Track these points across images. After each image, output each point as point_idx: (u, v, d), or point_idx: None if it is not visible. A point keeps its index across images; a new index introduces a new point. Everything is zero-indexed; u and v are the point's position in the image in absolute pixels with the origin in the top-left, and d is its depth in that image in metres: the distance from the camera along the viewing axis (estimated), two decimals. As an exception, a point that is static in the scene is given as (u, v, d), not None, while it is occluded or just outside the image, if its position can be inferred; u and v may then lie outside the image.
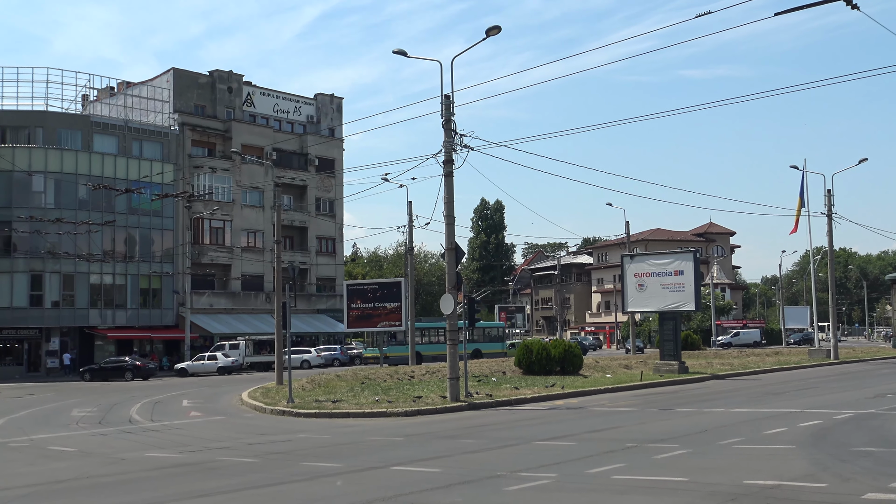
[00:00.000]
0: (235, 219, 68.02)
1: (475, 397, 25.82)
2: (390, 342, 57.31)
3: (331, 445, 17.41)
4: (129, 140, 62.80)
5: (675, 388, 30.64)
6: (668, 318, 37.70)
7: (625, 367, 40.15)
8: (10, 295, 57.85)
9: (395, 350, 56.89)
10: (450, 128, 25.72)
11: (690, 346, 56.23)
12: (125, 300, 61.67)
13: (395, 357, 55.23)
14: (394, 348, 57.08)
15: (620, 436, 17.01)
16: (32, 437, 21.25)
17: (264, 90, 74.31)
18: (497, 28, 24.16)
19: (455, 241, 26.26)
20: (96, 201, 58.51)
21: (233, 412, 27.41)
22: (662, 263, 37.98)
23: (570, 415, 22.02)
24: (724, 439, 15.72)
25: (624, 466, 12.97)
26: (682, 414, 21.15)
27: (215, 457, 16.13)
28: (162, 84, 67.70)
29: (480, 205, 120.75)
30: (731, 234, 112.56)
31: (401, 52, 26.43)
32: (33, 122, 60.02)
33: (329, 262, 75.17)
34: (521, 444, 16.39)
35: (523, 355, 36.98)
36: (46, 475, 14.60)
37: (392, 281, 53.63)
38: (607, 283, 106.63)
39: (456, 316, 26.05)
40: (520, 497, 11.04)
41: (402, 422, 21.95)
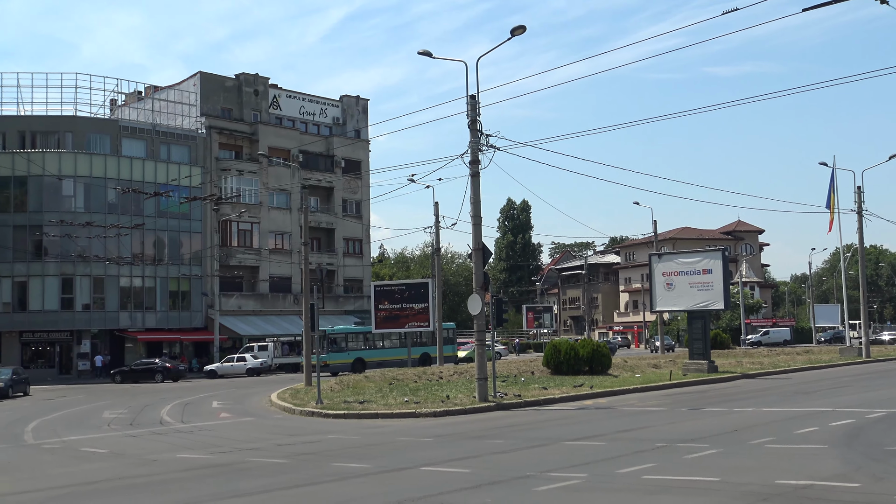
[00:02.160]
0: (263, 221, 68.32)
1: (503, 397, 25.79)
2: (330, 348, 51.91)
3: (360, 446, 17.46)
4: (157, 144, 63.25)
5: (704, 388, 30.47)
6: (696, 317, 37.48)
7: (653, 366, 39.97)
8: (42, 298, 58.44)
9: (337, 357, 52.18)
10: (475, 128, 25.71)
11: (720, 345, 55.88)
12: (154, 303, 62.11)
13: (335, 365, 51.27)
14: (335, 355, 52.08)
15: (650, 435, 16.94)
16: (65, 439, 21.46)
17: (290, 93, 74.58)
18: (522, 28, 24.12)
19: (482, 241, 26.25)
20: (125, 205, 58.98)
21: (262, 413, 27.55)
22: (691, 262, 37.77)
23: (599, 415, 21.95)
24: (754, 439, 15.61)
25: (654, 466, 12.91)
26: (712, 413, 21.03)
27: (245, 458, 16.22)
28: (189, 88, 68.12)
29: (507, 205, 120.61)
30: (759, 232, 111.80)
31: (426, 53, 26.46)
32: (63, 127, 60.57)
33: (356, 264, 75.33)
34: (550, 444, 16.36)
35: (551, 355, 36.88)
36: (79, 476, 14.74)
37: (419, 282, 53.53)
38: (635, 282, 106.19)
39: (483, 316, 26.02)
40: (549, 497, 11.02)
41: (431, 422, 21.97)
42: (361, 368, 50.43)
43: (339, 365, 51.40)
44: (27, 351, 59.93)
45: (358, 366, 51.51)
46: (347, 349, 53.12)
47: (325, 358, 49.86)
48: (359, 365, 51.65)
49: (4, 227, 57.96)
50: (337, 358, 52.07)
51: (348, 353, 52.84)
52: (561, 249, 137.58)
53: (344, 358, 52.26)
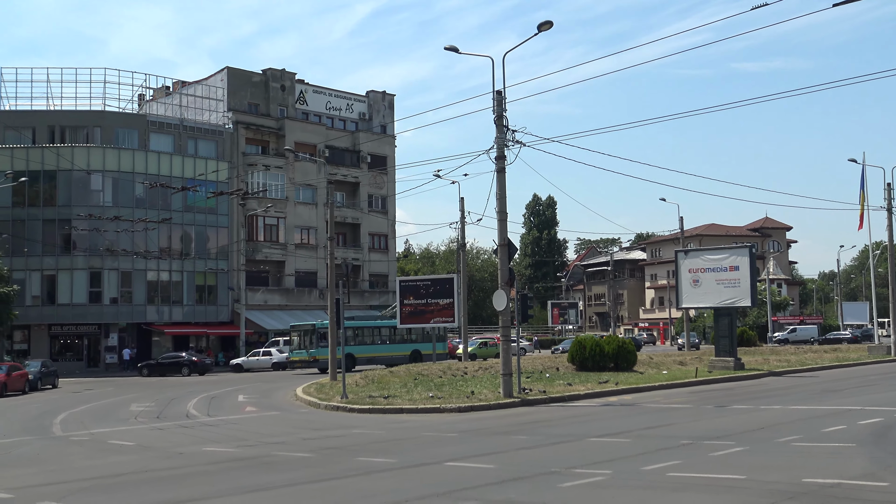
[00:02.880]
0: (289, 216, 68.57)
1: (528, 393, 25.76)
2: (319, 343, 49.08)
3: (385, 441, 17.48)
4: (185, 139, 63.62)
5: (730, 385, 30.29)
6: (723, 314, 37.27)
7: (679, 363, 39.79)
8: (71, 292, 58.99)
9: (326, 353, 46.50)
10: (501, 124, 25.66)
11: (746, 343, 55.55)
12: (181, 297, 62.52)
13: (324, 361, 46.79)
14: (324, 351, 47.69)
15: (675, 433, 16.86)
16: (93, 432, 21.64)
17: (317, 88, 74.77)
18: (549, 23, 24.03)
19: (507, 237, 26.22)
20: (153, 199, 59.38)
21: (287, 407, 27.66)
22: (717, 259, 37.57)
23: (624, 411, 21.88)
24: (781, 437, 15.49)
25: (679, 463, 12.85)
26: (738, 411, 20.90)
27: (271, 451, 16.28)
28: (216, 83, 68.43)
29: (532, 200, 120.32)
30: (787, 229, 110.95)
31: (452, 49, 26.42)
32: (91, 122, 61.06)
33: (382, 259, 75.47)
34: (575, 440, 16.33)
35: (577, 351, 36.80)
36: (106, 469, 14.86)
37: (444, 277, 53.49)
38: (661, 278, 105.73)
39: (508, 312, 26.00)
40: (574, 494, 10.98)
41: (456, 418, 21.98)
42: (351, 365, 48.10)
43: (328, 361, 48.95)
44: (56, 344, 60.53)
45: (348, 362, 48.43)
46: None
47: (313, 353, 49.34)
48: (348, 361, 47.54)
49: (34, 221, 58.52)
50: (326, 353, 48.70)
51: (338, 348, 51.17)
52: (586, 245, 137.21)
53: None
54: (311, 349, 49.78)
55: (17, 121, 59.23)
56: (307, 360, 49.93)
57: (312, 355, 49.53)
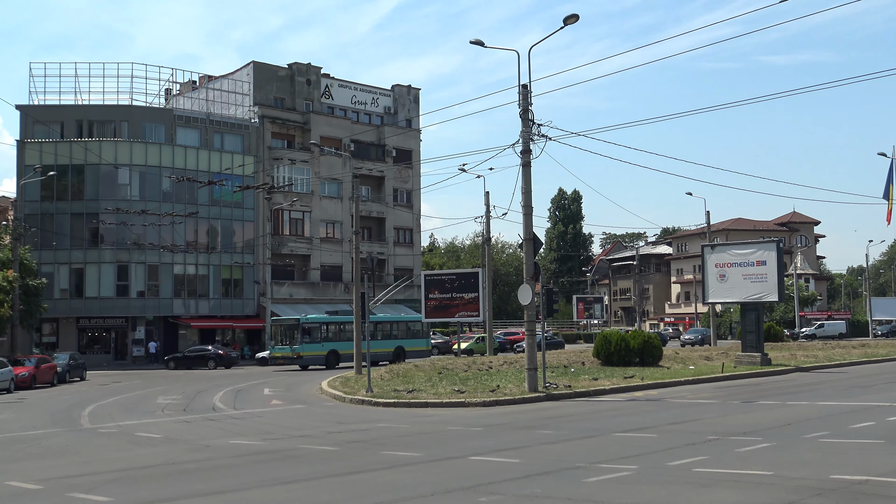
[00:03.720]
0: (314, 210, 68.76)
1: (553, 388, 25.72)
2: (304, 339, 47.97)
3: (410, 435, 17.52)
4: (211, 133, 63.91)
5: (757, 381, 30.12)
6: (750, 309, 37.06)
7: (705, 358, 39.58)
8: (98, 285, 59.46)
9: (310, 349, 48.25)
10: (527, 118, 25.62)
11: (773, 338, 55.18)
12: (208, 290, 62.85)
13: (309, 357, 47.98)
14: (308, 346, 48.18)
15: (701, 428, 16.79)
16: (120, 424, 21.81)
17: (342, 82, 74.87)
18: (575, 16, 23.97)
19: (532, 231, 26.16)
20: (179, 193, 59.74)
21: (313, 401, 27.77)
22: (744, 253, 37.37)
23: (649, 406, 21.81)
24: (809, 433, 15.40)
25: (706, 459, 12.80)
26: (764, 407, 20.79)
27: (296, 445, 16.36)
28: (242, 77, 68.68)
29: (558, 195, 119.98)
30: (815, 224, 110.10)
31: (478, 43, 26.40)
32: (119, 117, 61.44)
33: (407, 253, 75.53)
34: (600, 435, 16.29)
35: (602, 346, 36.72)
36: (134, 461, 14.97)
37: (469, 271, 53.44)
38: (687, 273, 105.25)
39: (534, 306, 25.96)
40: (600, 489, 10.96)
41: (481, 412, 21.99)
42: (335, 362, 48.13)
43: (312, 357, 48.20)
44: (84, 336, 61.06)
45: (331, 359, 48.51)
46: (321, 340, 49.29)
47: (297, 349, 47.71)
48: (332, 358, 48.57)
49: (62, 215, 59.00)
50: (310, 349, 48.28)
51: (322, 344, 48.98)
52: (612, 240, 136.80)
53: (317, 350, 48.64)
54: (296, 345, 47.95)
55: (46, 115, 59.68)
56: (290, 356, 48.12)
57: (296, 352, 47.79)
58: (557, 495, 10.65)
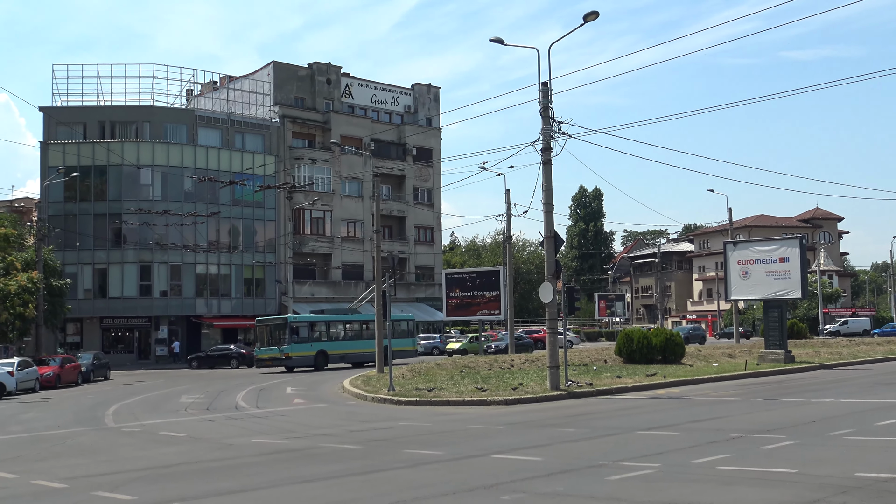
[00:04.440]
0: (335, 209, 68.93)
1: (575, 386, 25.66)
2: (292, 339, 45.66)
3: (432, 433, 17.52)
4: (232, 133, 64.17)
5: (780, 378, 29.95)
6: (773, 307, 36.85)
7: (728, 356, 39.38)
8: (122, 285, 59.84)
9: (299, 349, 45.82)
10: (548, 115, 25.56)
11: (796, 335, 54.83)
12: (230, 290, 63.12)
13: (298, 358, 45.64)
14: (297, 347, 45.77)
15: (725, 426, 16.70)
16: (144, 423, 21.93)
17: (362, 81, 75.03)
18: (595, 13, 23.88)
19: (553, 229, 26.12)
20: (201, 193, 60.02)
21: (335, 399, 27.83)
22: (767, 250, 37.15)
23: (672, 404, 21.72)
24: (833, 430, 15.29)
25: (729, 457, 12.73)
26: (788, 404, 20.65)
27: (319, 443, 16.39)
28: (263, 77, 68.93)
29: (579, 192, 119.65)
30: (838, 220, 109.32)
31: (498, 41, 26.36)
32: (141, 117, 61.79)
33: (427, 251, 75.59)
34: (623, 433, 16.23)
35: (624, 344, 36.60)
36: (158, 459, 15.04)
37: (490, 269, 53.34)
38: (709, 270, 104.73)
39: (555, 304, 25.91)
40: (622, 487, 10.92)
41: (502, 410, 21.97)
42: (324, 363, 46.44)
43: (301, 359, 45.90)
44: (107, 336, 61.49)
45: (320, 360, 46.54)
46: (310, 340, 46.88)
47: (286, 350, 45.29)
48: (321, 359, 46.59)
49: (85, 216, 59.41)
50: (299, 350, 45.87)
51: (311, 344, 46.60)
52: (633, 237, 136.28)
53: (306, 350, 46.26)
54: (284, 346, 45.49)
55: (69, 117, 60.10)
56: (279, 357, 45.59)
57: (285, 352, 45.29)
58: (580, 493, 10.62)
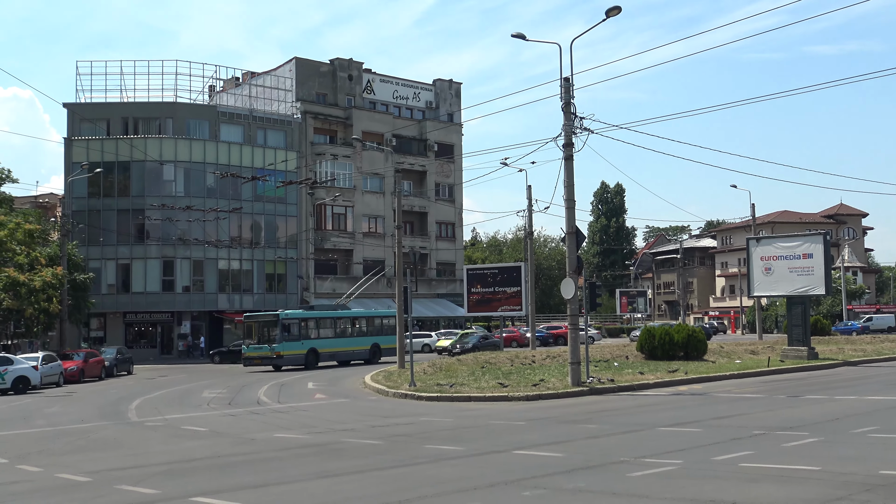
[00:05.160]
0: (357, 205, 69.06)
1: (597, 382, 25.61)
2: (283, 337, 43.46)
3: (453, 429, 17.53)
4: (254, 129, 64.38)
5: (803, 375, 29.77)
6: (796, 303, 36.63)
7: (751, 352, 39.22)
8: (144, 280, 60.17)
9: (290, 348, 43.66)
10: (569, 111, 25.51)
11: (820, 332, 54.54)
12: (252, 285, 63.34)
13: (289, 357, 43.55)
14: (289, 345, 43.61)
15: (747, 423, 16.62)
16: (167, 417, 22.06)
17: (383, 77, 75.11)
18: (617, 9, 23.80)
19: (575, 224, 26.09)
20: (223, 189, 60.23)
21: (356, 395, 27.89)
22: (790, 246, 36.93)
23: (694, 401, 21.63)
24: (857, 428, 15.19)
25: (752, 454, 12.67)
26: (811, 401, 20.52)
27: (340, 438, 16.43)
28: (284, 73, 69.10)
29: (600, 188, 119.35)
30: (863, 216, 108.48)
31: (519, 36, 26.32)
32: (164, 114, 62.09)
33: (449, 247, 75.60)
34: (644, 429, 16.18)
35: (646, 340, 36.48)
36: (181, 454, 15.13)
37: (512, 265, 53.31)
38: (732, 266, 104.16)
39: (577, 300, 25.87)
40: (644, 483, 10.89)
41: (523, 406, 21.95)
42: (314, 362, 44.52)
43: (293, 357, 43.82)
44: (130, 331, 61.84)
45: (311, 358, 44.46)
46: (301, 338, 44.76)
47: (277, 348, 43.12)
48: (311, 357, 44.60)
49: (109, 211, 59.75)
50: (291, 348, 43.76)
51: (301, 342, 44.52)
52: (655, 233, 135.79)
53: (297, 348, 44.16)
54: (275, 343, 43.27)
55: (93, 113, 60.45)
56: (269, 356, 43.35)
57: (276, 350, 43.07)
58: (601, 490, 10.60)
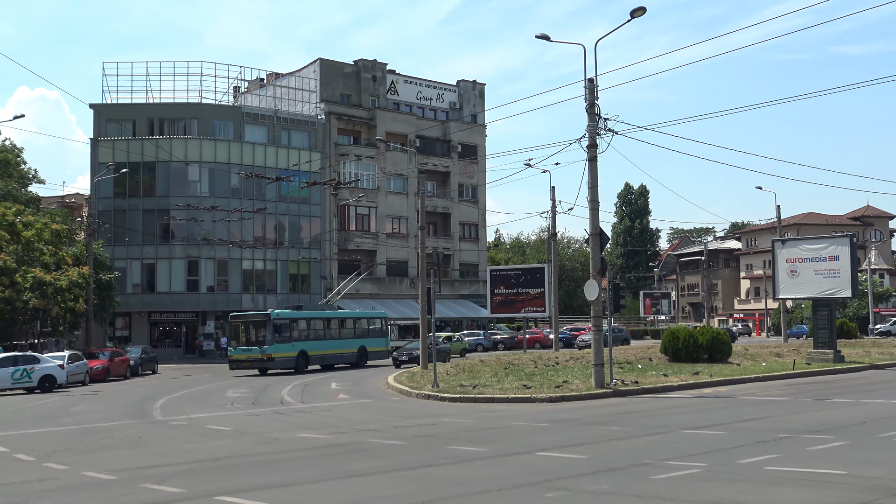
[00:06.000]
0: (380, 205, 69.20)
1: (620, 384, 25.53)
2: (275, 338, 40.56)
3: (476, 430, 17.52)
4: (279, 130, 64.65)
5: (829, 378, 29.55)
6: (822, 306, 36.38)
7: (776, 355, 38.97)
8: (169, 280, 60.54)
9: (282, 350, 40.74)
10: (593, 112, 25.44)
11: (846, 335, 54.11)
12: (275, 285, 63.58)
13: (281, 360, 40.68)
14: (280, 347, 40.68)
15: (772, 426, 16.51)
16: (191, 416, 22.18)
17: (407, 78, 75.21)
18: (642, 9, 23.73)
19: (599, 226, 26.03)
20: (248, 189, 60.51)
21: (379, 395, 27.92)
22: (816, 248, 36.68)
23: (718, 403, 21.51)
24: (884, 431, 15.06)
25: (777, 457, 12.59)
26: (838, 405, 20.37)
27: (363, 438, 16.46)
28: (309, 74, 69.35)
29: (624, 189, 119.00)
30: (890, 218, 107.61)
31: (543, 37, 26.28)
32: (189, 114, 62.46)
33: (472, 248, 75.61)
34: (668, 432, 16.11)
35: (670, 342, 36.35)
36: (205, 453, 15.20)
37: (535, 266, 53.33)
38: (756, 268, 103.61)
39: (600, 302, 25.80)
40: (668, 486, 10.84)
41: (546, 407, 21.91)
42: (304, 365, 42.02)
43: (284, 360, 41.04)
44: (155, 331, 62.25)
45: (301, 361, 41.82)
46: (292, 339, 42.00)
47: (268, 350, 40.13)
48: (301, 360, 41.90)
49: (134, 211, 60.17)
50: (282, 350, 40.91)
51: (292, 344, 41.68)
52: (680, 235, 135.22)
53: (288, 351, 41.33)
54: (266, 345, 40.23)
55: (119, 114, 60.89)
56: (258, 358, 40.17)
57: (267, 353, 40.02)
58: (625, 492, 10.56)
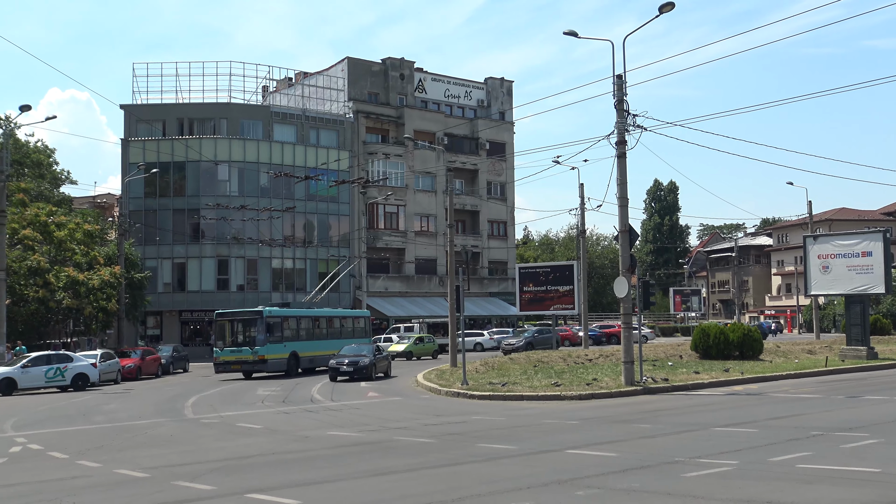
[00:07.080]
0: (408, 204, 69.27)
1: (650, 381, 25.41)
2: (269, 339, 37.70)
3: (505, 427, 17.51)
4: (307, 129, 64.88)
5: (863, 375, 29.27)
6: (855, 302, 36.04)
7: (808, 352, 38.66)
8: (200, 279, 60.95)
9: (274, 351, 38.00)
10: (622, 108, 25.35)
11: (880, 331, 53.56)
12: (305, 284, 63.80)
13: (273, 362, 37.89)
14: (273, 347, 37.94)
15: (804, 423, 16.37)
16: (222, 415, 22.30)
17: (435, 76, 75.23)
18: (671, 4, 23.61)
19: (628, 222, 25.91)
20: (277, 188, 60.80)
21: (409, 393, 27.95)
22: (848, 244, 36.34)
23: (749, 401, 21.36)
24: (918, 429, 14.89)
25: (809, 455, 12.48)
26: (871, 402, 20.16)
27: (393, 436, 16.49)
28: (337, 73, 69.54)
29: (654, 186, 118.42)
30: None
31: (571, 33, 26.20)
32: (218, 114, 62.82)
33: (501, 246, 75.54)
34: (699, 429, 16.02)
35: (700, 339, 36.16)
36: (236, 450, 15.28)
37: (564, 264, 53.00)
38: (788, 265, 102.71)
39: (630, 299, 25.70)
40: (699, 484, 10.78)
41: (576, 405, 21.85)
42: (296, 367, 39.37)
43: (275, 362, 38.23)
44: (186, 329, 62.68)
45: (292, 363, 39.17)
46: (283, 339, 39.29)
47: (261, 351, 37.51)
48: (293, 362, 39.26)
49: (165, 211, 60.63)
50: (274, 351, 38.15)
51: (284, 344, 39.01)
52: (710, 231, 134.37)
53: (280, 352, 38.62)
54: (257, 346, 37.61)
55: (149, 114, 61.37)
56: (250, 360, 37.66)
57: (259, 354, 37.46)
58: (656, 490, 10.50)
